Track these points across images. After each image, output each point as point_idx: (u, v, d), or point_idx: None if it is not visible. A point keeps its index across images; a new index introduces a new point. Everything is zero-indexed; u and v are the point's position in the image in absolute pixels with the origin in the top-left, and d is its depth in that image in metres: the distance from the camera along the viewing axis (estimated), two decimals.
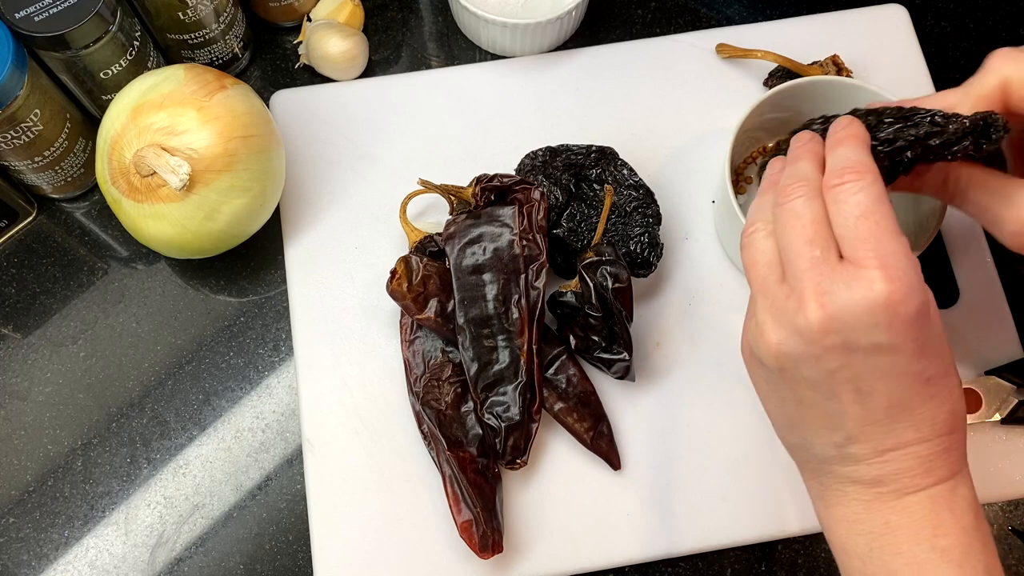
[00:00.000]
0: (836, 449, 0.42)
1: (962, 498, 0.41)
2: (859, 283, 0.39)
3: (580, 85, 0.67)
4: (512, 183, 0.58)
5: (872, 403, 0.40)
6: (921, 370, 0.40)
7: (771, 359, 0.42)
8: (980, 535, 0.41)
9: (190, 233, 0.56)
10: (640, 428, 0.59)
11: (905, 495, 0.41)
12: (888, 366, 0.40)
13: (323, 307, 0.61)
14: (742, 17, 0.70)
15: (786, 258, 0.42)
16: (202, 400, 0.60)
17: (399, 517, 0.57)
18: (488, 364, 0.56)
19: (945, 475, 0.41)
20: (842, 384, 0.40)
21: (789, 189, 0.43)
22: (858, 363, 0.40)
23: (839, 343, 0.40)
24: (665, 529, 0.57)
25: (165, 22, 0.61)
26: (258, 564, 0.57)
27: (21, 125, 0.56)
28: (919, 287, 0.39)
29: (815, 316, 0.39)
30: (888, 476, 0.41)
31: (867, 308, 0.39)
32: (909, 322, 0.39)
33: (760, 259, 0.43)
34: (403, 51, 0.69)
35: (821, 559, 0.58)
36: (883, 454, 0.41)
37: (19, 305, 0.62)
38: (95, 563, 0.57)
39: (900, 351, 0.39)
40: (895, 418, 0.40)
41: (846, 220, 0.40)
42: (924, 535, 0.41)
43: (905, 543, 0.41)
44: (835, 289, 0.39)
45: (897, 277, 0.39)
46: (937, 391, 0.41)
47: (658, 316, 0.61)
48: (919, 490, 0.41)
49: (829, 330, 0.39)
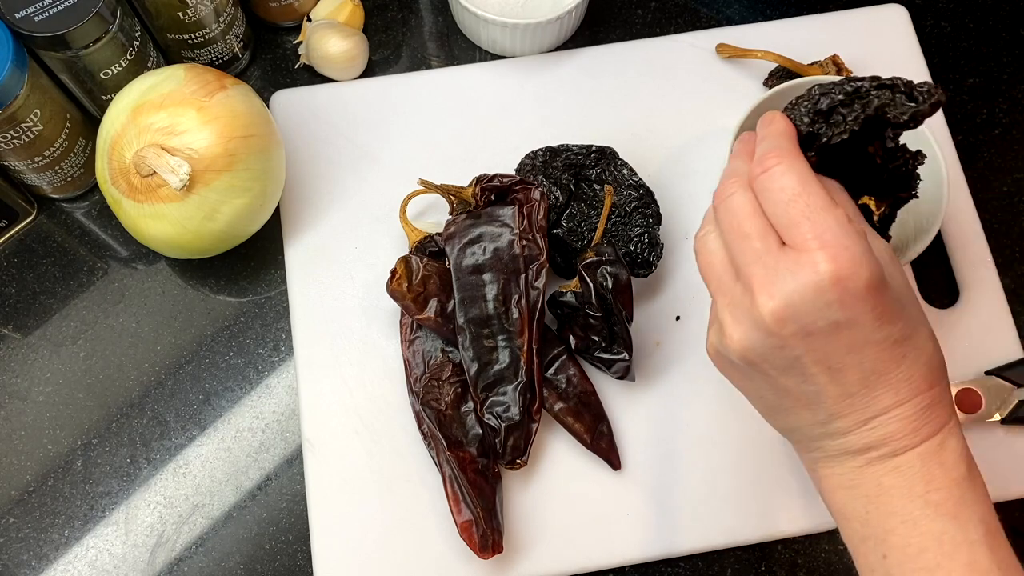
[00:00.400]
0: (822, 427, 0.43)
1: (952, 451, 0.42)
2: (803, 268, 0.39)
3: (580, 85, 0.67)
4: (512, 183, 0.58)
5: (845, 378, 0.41)
6: (886, 336, 0.40)
7: (737, 356, 0.42)
8: (973, 486, 0.41)
9: (190, 233, 0.56)
10: (640, 428, 0.59)
11: (895, 456, 0.41)
12: (851, 340, 0.40)
13: (323, 307, 0.61)
14: (742, 17, 0.70)
15: (731, 256, 0.42)
16: (202, 400, 0.60)
17: (399, 517, 0.57)
18: (488, 364, 0.56)
19: (932, 431, 0.41)
20: (812, 366, 0.41)
21: (723, 187, 0.43)
22: (821, 344, 0.40)
23: (797, 329, 0.40)
24: (665, 529, 0.57)
25: (165, 22, 0.61)
26: (258, 564, 0.57)
27: (21, 125, 0.56)
28: (864, 257, 0.39)
29: (767, 308, 0.40)
30: (876, 442, 0.42)
31: (816, 290, 0.39)
32: (861, 294, 0.39)
33: (713, 260, 0.44)
34: (403, 51, 0.69)
35: (821, 559, 0.58)
36: (867, 423, 0.41)
37: (19, 305, 0.62)
38: (95, 563, 0.57)
39: (859, 324, 0.39)
40: (871, 387, 0.41)
41: (776, 207, 0.41)
42: (917, 492, 0.41)
43: (899, 502, 0.41)
44: (781, 278, 0.39)
45: (839, 252, 0.39)
46: (908, 350, 0.41)
47: (658, 316, 0.61)
48: (908, 450, 0.41)
49: (784, 318, 0.40)
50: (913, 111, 0.43)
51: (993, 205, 0.65)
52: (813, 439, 0.44)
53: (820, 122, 0.44)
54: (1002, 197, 0.66)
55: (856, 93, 0.44)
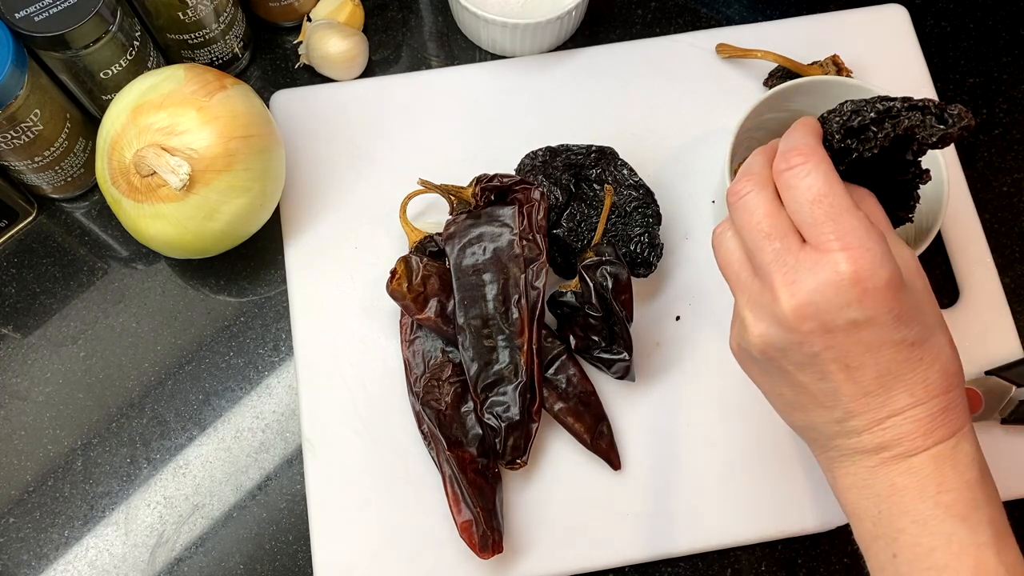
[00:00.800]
0: (837, 425, 0.43)
1: (965, 454, 0.42)
2: (824, 267, 0.40)
3: (580, 85, 0.67)
4: (512, 183, 0.58)
5: (862, 377, 0.41)
6: (903, 337, 0.41)
7: (758, 351, 0.43)
8: (984, 489, 0.42)
9: (190, 233, 0.56)
10: (640, 428, 0.59)
11: (908, 457, 0.42)
12: (869, 339, 0.40)
13: (323, 307, 0.61)
14: (742, 17, 0.70)
15: (751, 254, 0.43)
16: (202, 400, 0.60)
17: (399, 517, 0.57)
18: (488, 364, 0.56)
19: (946, 434, 0.42)
20: (829, 364, 0.41)
21: (739, 185, 0.44)
22: (840, 342, 0.41)
23: (817, 326, 0.41)
24: (665, 529, 0.57)
25: (165, 22, 0.61)
26: (258, 564, 0.57)
27: (21, 125, 0.56)
28: (884, 259, 0.40)
29: (788, 305, 0.41)
30: (890, 442, 0.42)
31: (836, 289, 0.40)
32: (880, 294, 0.40)
33: (731, 258, 0.45)
34: (403, 51, 0.69)
35: (821, 559, 0.58)
36: (882, 422, 0.42)
37: (19, 305, 0.62)
38: (95, 563, 0.57)
39: (878, 323, 0.40)
40: (887, 387, 0.41)
41: (801, 206, 0.41)
42: (928, 493, 0.41)
43: (911, 502, 0.42)
44: (802, 277, 0.40)
45: (860, 254, 0.40)
46: (924, 353, 0.41)
47: (658, 316, 0.61)
48: (921, 451, 0.42)
49: (805, 316, 0.40)
50: (942, 134, 0.43)
51: (993, 205, 0.65)
52: (829, 437, 0.44)
53: (852, 138, 0.45)
54: (1002, 197, 0.66)
55: (888, 112, 0.44)
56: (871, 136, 0.44)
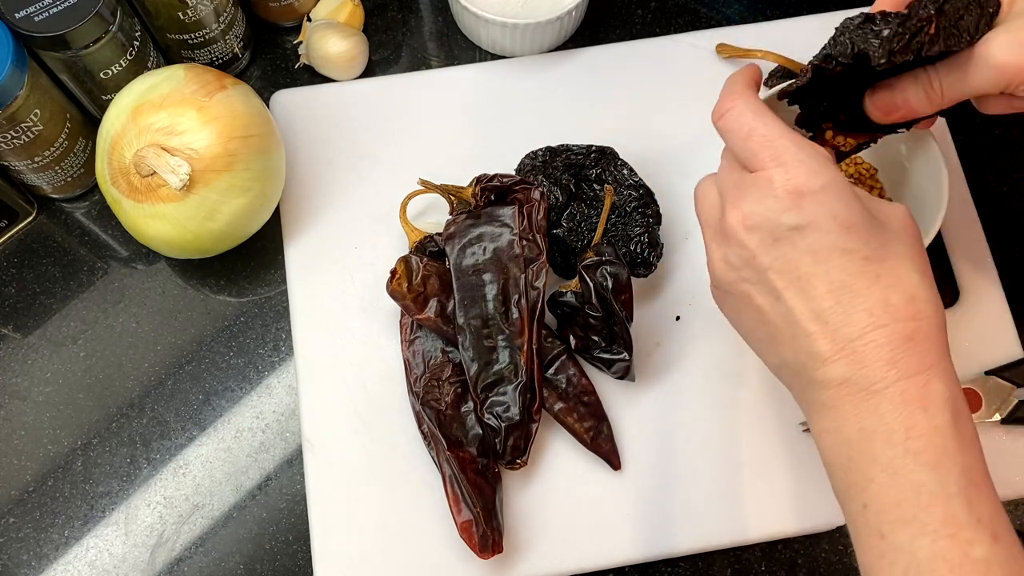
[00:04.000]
0: (805, 355, 0.42)
1: (936, 395, 0.40)
2: (762, 181, 0.43)
3: (580, 85, 0.67)
4: (512, 183, 0.58)
5: (813, 290, 0.42)
6: (854, 247, 0.41)
7: (721, 278, 0.46)
8: (957, 434, 0.40)
9: (190, 233, 0.56)
10: (640, 428, 0.59)
11: (875, 393, 0.40)
12: (814, 244, 0.41)
13: (323, 307, 0.61)
14: (742, 17, 0.70)
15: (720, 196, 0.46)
16: (202, 400, 0.60)
17: (399, 517, 0.57)
18: (488, 364, 0.56)
19: (914, 368, 0.40)
20: (780, 278, 0.42)
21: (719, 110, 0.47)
22: (786, 251, 0.42)
23: (763, 237, 0.43)
24: (665, 529, 0.57)
25: (165, 22, 0.61)
26: (258, 564, 0.57)
27: (21, 125, 0.56)
28: (821, 168, 0.42)
29: (734, 219, 0.43)
30: (854, 372, 0.41)
31: (774, 198, 0.42)
32: (817, 197, 0.41)
33: (705, 202, 0.47)
34: (403, 51, 0.69)
35: (821, 559, 0.58)
36: (843, 348, 0.41)
37: (19, 305, 0.62)
38: (95, 563, 0.57)
39: (819, 227, 0.41)
40: (842, 302, 0.41)
41: (738, 145, 0.45)
42: (897, 438, 0.40)
43: (880, 448, 0.40)
44: (745, 193, 0.43)
45: (794, 165, 0.42)
46: (882, 271, 0.41)
47: (658, 316, 0.61)
48: (887, 385, 0.40)
49: (750, 227, 0.43)
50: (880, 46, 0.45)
51: (993, 205, 0.65)
52: (799, 372, 0.43)
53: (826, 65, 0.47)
54: (1002, 197, 0.66)
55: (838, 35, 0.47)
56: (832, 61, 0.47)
